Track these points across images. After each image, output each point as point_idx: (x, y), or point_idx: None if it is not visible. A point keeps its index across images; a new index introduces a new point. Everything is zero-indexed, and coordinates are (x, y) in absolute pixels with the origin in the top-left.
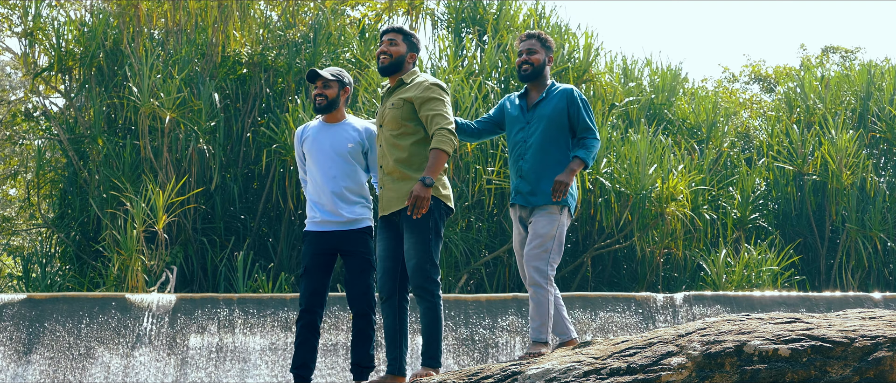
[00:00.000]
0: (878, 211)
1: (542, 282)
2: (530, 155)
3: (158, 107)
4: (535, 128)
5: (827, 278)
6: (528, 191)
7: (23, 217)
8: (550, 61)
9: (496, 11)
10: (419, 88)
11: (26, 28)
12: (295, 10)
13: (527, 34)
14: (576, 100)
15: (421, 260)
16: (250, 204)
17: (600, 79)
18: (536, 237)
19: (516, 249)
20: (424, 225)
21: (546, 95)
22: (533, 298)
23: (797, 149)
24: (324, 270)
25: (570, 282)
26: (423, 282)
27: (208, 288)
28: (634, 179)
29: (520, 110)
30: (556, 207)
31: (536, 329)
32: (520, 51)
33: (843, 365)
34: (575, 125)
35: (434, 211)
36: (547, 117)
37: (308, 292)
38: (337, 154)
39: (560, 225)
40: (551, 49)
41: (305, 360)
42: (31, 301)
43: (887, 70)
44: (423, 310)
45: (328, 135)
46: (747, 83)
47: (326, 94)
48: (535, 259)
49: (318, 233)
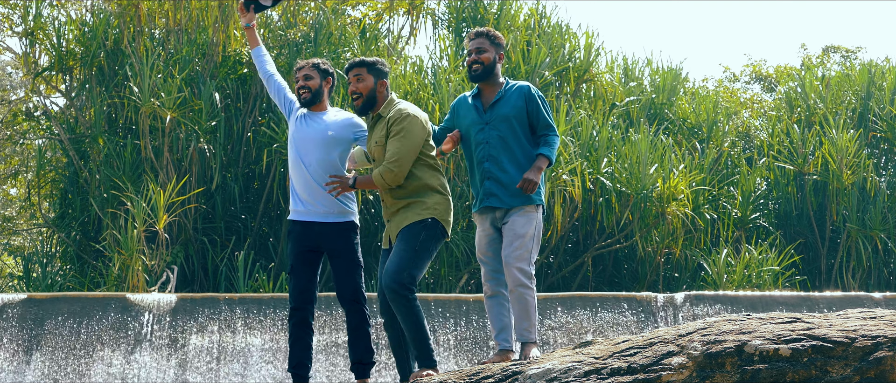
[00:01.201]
0: (879, 211)
1: (528, 283)
2: (494, 155)
3: (159, 107)
4: (496, 128)
5: (827, 278)
6: (500, 191)
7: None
8: (501, 59)
9: (497, 11)
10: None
11: (27, 28)
12: (295, 9)
13: (475, 32)
14: (534, 97)
15: (400, 269)
16: (251, 203)
17: (601, 78)
18: (517, 238)
19: (484, 251)
20: (414, 238)
21: (503, 94)
22: (519, 300)
23: (798, 149)
24: (310, 267)
25: (571, 282)
26: (397, 287)
27: (209, 287)
28: (635, 179)
29: (476, 111)
30: (533, 206)
31: (526, 330)
32: (469, 50)
33: (844, 365)
34: (535, 122)
35: (427, 229)
36: (506, 116)
37: (297, 290)
38: (318, 143)
39: (537, 222)
40: (501, 47)
41: (301, 358)
42: (32, 301)
43: (888, 70)
44: (401, 316)
45: (312, 123)
46: (748, 83)
47: (310, 86)
48: (518, 260)
49: (303, 225)
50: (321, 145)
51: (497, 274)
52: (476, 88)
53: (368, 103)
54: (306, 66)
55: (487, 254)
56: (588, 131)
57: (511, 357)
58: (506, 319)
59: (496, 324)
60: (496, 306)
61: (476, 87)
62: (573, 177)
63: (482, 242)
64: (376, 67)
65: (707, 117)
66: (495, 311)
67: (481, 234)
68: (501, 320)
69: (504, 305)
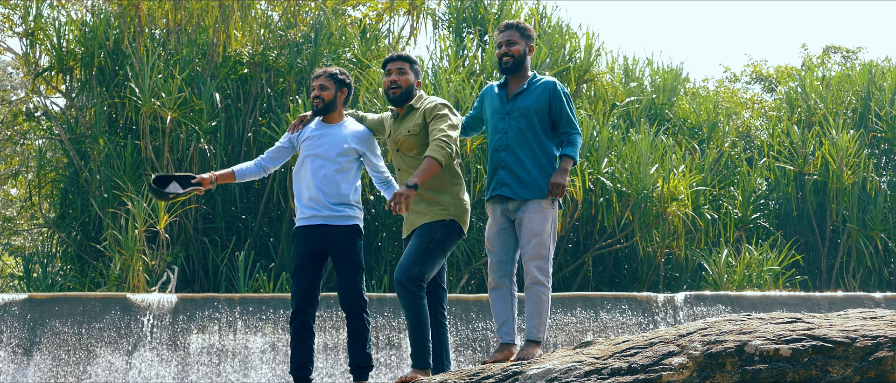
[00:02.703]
0: (879, 211)
1: (545, 281)
2: (511, 146)
3: (159, 107)
4: (516, 120)
5: (828, 278)
6: (514, 182)
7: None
8: (531, 51)
9: (497, 11)
10: (429, 111)
11: (27, 28)
12: (296, 9)
13: (505, 24)
14: (558, 93)
15: (412, 263)
16: (251, 204)
17: (601, 78)
18: (534, 235)
19: (492, 240)
20: (431, 235)
21: (527, 87)
22: (533, 297)
23: (798, 149)
24: (314, 269)
25: (571, 282)
26: (406, 282)
27: (209, 288)
28: (636, 179)
29: (500, 101)
30: (547, 201)
31: (535, 328)
32: (499, 42)
33: (845, 365)
34: (557, 119)
35: (445, 227)
36: (528, 109)
37: (299, 292)
38: (332, 155)
39: (553, 219)
40: (531, 39)
41: (303, 360)
42: (33, 301)
43: (888, 70)
44: (405, 311)
45: (325, 134)
46: (748, 83)
47: (323, 96)
48: (536, 258)
49: (308, 228)
50: (338, 156)
51: (503, 265)
52: (504, 78)
53: (406, 96)
54: (322, 76)
55: (495, 242)
56: (588, 131)
57: (513, 350)
58: (508, 312)
59: (499, 317)
60: (499, 299)
61: (505, 77)
62: (573, 177)
63: (491, 231)
64: (416, 67)
65: (707, 117)
66: (498, 304)
67: (491, 223)
68: (504, 313)
69: (507, 298)
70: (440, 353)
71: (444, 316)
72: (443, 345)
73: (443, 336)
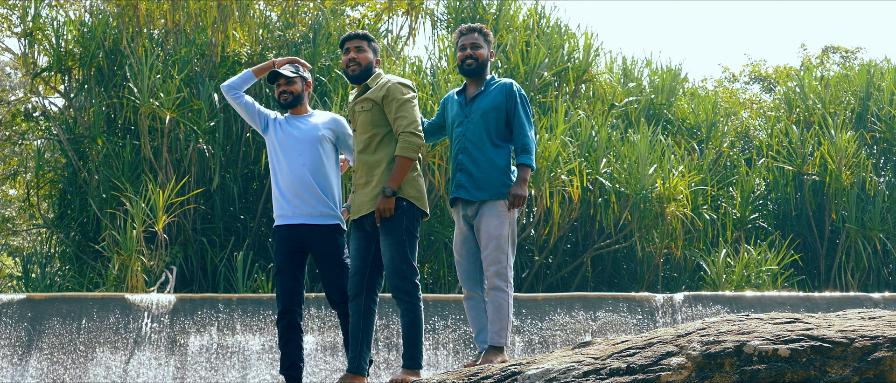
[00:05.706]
0: (878, 211)
1: (504, 286)
2: (469, 148)
3: (158, 108)
4: (473, 122)
5: (826, 278)
6: (470, 185)
7: (22, 217)
8: (492, 56)
9: (496, 11)
10: (383, 88)
11: (26, 28)
12: (294, 10)
13: (468, 27)
14: (514, 93)
15: (396, 262)
16: (250, 204)
17: (600, 79)
18: (491, 239)
19: (458, 250)
20: (397, 228)
21: (484, 89)
22: (492, 302)
23: (797, 150)
24: (297, 268)
25: (570, 282)
26: (399, 282)
27: (208, 288)
28: (634, 179)
29: (458, 106)
30: (503, 203)
31: (496, 333)
32: (462, 44)
33: (843, 366)
34: (511, 120)
35: (406, 214)
36: (484, 111)
37: (285, 292)
38: (307, 142)
39: (511, 222)
40: (491, 43)
41: (293, 360)
42: (31, 301)
43: (887, 70)
44: (401, 312)
45: (297, 125)
46: (747, 83)
47: (292, 91)
48: (494, 263)
49: (288, 228)
50: (314, 144)
51: (471, 274)
52: (463, 84)
53: (365, 74)
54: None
55: (462, 252)
56: (587, 131)
57: (502, 356)
58: (483, 321)
59: (475, 326)
60: (473, 308)
61: (464, 83)
62: (572, 177)
63: (457, 241)
64: (375, 45)
65: (706, 117)
66: (473, 313)
67: (456, 231)
68: (479, 322)
69: (480, 307)
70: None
71: (374, 303)
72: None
73: (368, 322)
